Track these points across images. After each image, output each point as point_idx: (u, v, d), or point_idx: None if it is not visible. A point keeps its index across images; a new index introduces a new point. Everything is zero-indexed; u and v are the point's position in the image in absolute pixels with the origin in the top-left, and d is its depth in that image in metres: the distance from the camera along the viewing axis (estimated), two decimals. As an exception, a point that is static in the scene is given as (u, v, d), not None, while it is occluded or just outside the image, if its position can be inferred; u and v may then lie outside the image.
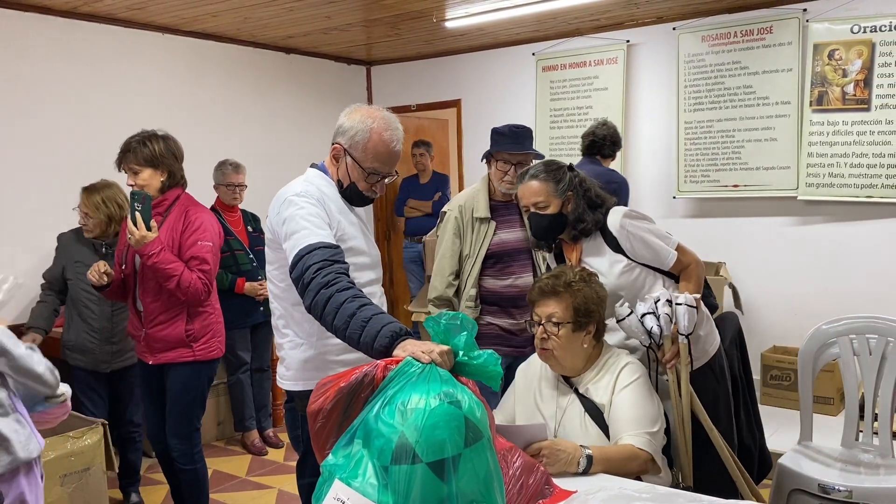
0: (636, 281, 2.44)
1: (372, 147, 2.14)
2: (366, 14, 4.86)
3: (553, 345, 2.18)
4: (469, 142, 6.26)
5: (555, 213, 2.47)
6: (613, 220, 2.43)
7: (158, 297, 3.01)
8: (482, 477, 1.44)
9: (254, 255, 4.52)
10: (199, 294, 3.01)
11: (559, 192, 2.46)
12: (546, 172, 2.50)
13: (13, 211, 4.29)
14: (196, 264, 3.01)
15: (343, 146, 2.17)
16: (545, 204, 2.47)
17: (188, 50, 5.25)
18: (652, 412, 2.15)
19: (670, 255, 2.42)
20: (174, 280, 2.94)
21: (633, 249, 2.41)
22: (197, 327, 3.08)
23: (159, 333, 3.03)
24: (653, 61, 5.31)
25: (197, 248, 3.02)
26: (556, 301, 2.20)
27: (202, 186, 4.87)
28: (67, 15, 4.54)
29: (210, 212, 3.21)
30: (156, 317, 3.03)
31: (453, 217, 3.13)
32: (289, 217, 2.05)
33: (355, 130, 2.14)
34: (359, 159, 2.15)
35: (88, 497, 3.23)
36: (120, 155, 3.03)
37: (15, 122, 4.36)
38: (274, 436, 4.75)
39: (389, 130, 2.15)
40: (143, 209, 2.89)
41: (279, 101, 5.95)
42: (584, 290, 2.21)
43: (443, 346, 1.60)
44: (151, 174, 3.00)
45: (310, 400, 1.68)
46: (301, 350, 2.18)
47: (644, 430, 2.11)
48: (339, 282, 1.86)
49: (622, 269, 2.42)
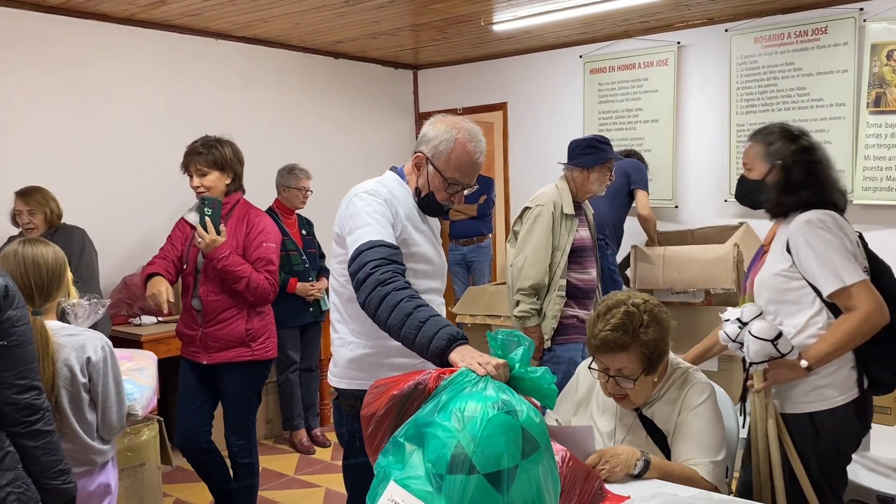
0: (788, 293, 2.15)
1: (455, 157, 2.14)
2: (414, 18, 4.89)
3: (626, 393, 2.08)
4: (515, 145, 6.26)
5: (756, 178, 2.26)
6: (799, 219, 2.14)
7: (222, 296, 3.08)
8: (537, 486, 1.44)
9: (306, 256, 4.60)
10: (267, 294, 3.09)
11: (767, 157, 2.23)
12: (763, 134, 2.29)
13: (76, 214, 4.43)
14: (262, 265, 3.09)
15: (426, 155, 2.17)
16: (749, 167, 2.30)
17: (240, 55, 5.36)
18: (717, 438, 2.05)
19: (833, 284, 2.05)
20: (243, 281, 3.01)
21: (798, 257, 2.13)
22: (256, 326, 3.15)
23: (218, 332, 3.09)
24: (704, 63, 5.24)
25: (262, 250, 3.10)
26: (624, 355, 2.03)
27: (254, 189, 4.97)
28: (125, 22, 4.68)
29: (267, 215, 3.28)
30: (216, 315, 3.09)
31: (548, 212, 3.33)
32: (355, 212, 2.07)
33: (439, 140, 2.15)
34: (441, 168, 2.15)
35: (143, 491, 3.32)
36: (186, 157, 3.11)
37: (75, 128, 4.50)
38: (321, 435, 4.81)
39: (473, 142, 2.15)
40: (212, 214, 2.97)
41: (327, 105, 6.02)
42: (653, 334, 2.04)
43: (499, 360, 1.60)
44: (218, 177, 3.08)
45: (363, 402, 1.70)
46: (349, 349, 2.19)
47: (709, 458, 2.02)
48: (395, 280, 1.87)
49: (780, 271, 2.16)
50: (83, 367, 2.11)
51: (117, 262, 4.46)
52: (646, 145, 5.48)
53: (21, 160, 4.27)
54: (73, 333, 2.13)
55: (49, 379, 2.01)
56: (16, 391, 1.67)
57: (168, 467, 4.04)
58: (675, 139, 5.33)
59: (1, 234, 4.02)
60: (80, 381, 2.10)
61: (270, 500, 3.93)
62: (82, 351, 2.11)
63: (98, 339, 2.17)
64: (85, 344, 2.13)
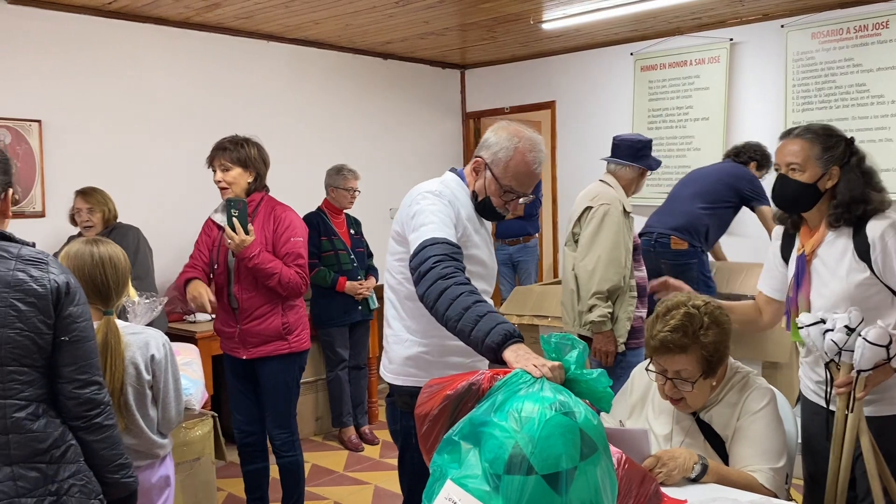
0: (870, 299, 2.10)
1: (513, 166, 2.14)
2: (463, 18, 4.90)
3: (683, 395, 2.05)
4: (563, 143, 6.21)
5: (807, 182, 2.13)
6: (876, 226, 2.09)
7: (256, 293, 3.13)
8: (595, 488, 1.43)
9: (354, 255, 4.63)
10: (298, 287, 3.14)
11: (823, 160, 2.12)
12: (817, 134, 2.15)
13: (131, 213, 4.54)
14: (292, 259, 3.13)
15: (485, 160, 2.18)
16: (801, 168, 2.13)
17: (290, 57, 5.43)
18: (778, 445, 2.01)
19: None
20: (275, 278, 3.07)
21: (882, 265, 2.08)
22: (292, 320, 3.20)
23: (256, 328, 3.14)
24: (758, 60, 5.13)
25: (291, 245, 3.15)
26: (684, 357, 2.00)
27: (304, 189, 5.04)
28: (181, 25, 4.78)
29: (292, 209, 3.30)
30: (252, 312, 3.14)
31: (616, 210, 3.29)
32: (419, 211, 2.08)
33: (500, 147, 2.15)
34: (498, 175, 2.15)
35: (198, 486, 3.38)
36: (213, 152, 3.18)
37: (130, 129, 4.62)
38: (370, 433, 4.84)
39: (533, 152, 2.15)
40: (239, 214, 3.02)
41: (375, 105, 6.06)
42: (713, 337, 2.01)
43: (554, 362, 1.60)
44: (240, 174, 3.13)
45: (417, 401, 1.71)
46: (404, 346, 2.20)
47: (769, 465, 1.97)
48: (456, 275, 1.87)
49: (861, 281, 2.10)
50: (147, 365, 2.16)
51: (171, 261, 4.55)
52: (695, 144, 5.40)
53: (78, 162, 4.40)
54: (136, 332, 2.19)
55: (119, 377, 2.06)
56: (77, 386, 1.69)
57: (221, 462, 4.11)
58: (726, 137, 5.23)
59: (59, 232, 4.15)
60: (144, 378, 2.15)
61: (320, 496, 3.97)
62: (146, 349, 2.17)
63: (159, 337, 2.22)
64: (149, 342, 2.18)
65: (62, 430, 1.69)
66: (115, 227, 3.97)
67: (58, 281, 1.68)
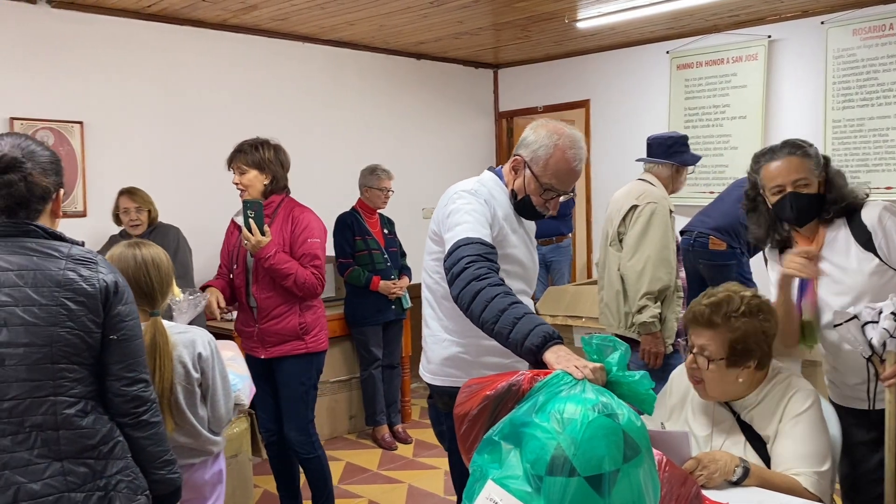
0: (886, 286, 2.13)
1: (553, 163, 2.13)
2: (496, 17, 4.89)
3: (703, 376, 2.05)
4: (597, 142, 6.17)
5: (815, 192, 2.20)
6: (871, 214, 2.17)
7: (273, 293, 3.17)
8: (638, 491, 1.42)
9: (388, 255, 4.65)
10: (314, 288, 3.17)
11: (817, 170, 2.21)
12: (803, 149, 2.24)
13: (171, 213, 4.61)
14: (308, 261, 3.16)
15: (524, 159, 2.17)
16: (806, 182, 2.19)
17: (324, 58, 5.47)
18: (822, 448, 1.97)
19: None
20: (291, 278, 3.10)
21: (887, 249, 2.14)
22: (309, 320, 3.23)
23: (274, 328, 3.18)
24: (797, 57, 5.04)
25: (307, 246, 3.18)
26: (710, 333, 2.03)
27: (338, 189, 5.08)
28: (218, 27, 4.84)
29: (311, 210, 3.32)
30: (270, 311, 3.18)
31: (663, 209, 3.27)
32: (454, 210, 2.09)
33: (539, 145, 2.14)
34: (537, 173, 2.14)
35: (236, 482, 3.42)
36: (232, 154, 3.23)
37: (168, 130, 4.70)
38: (403, 431, 4.86)
39: (573, 149, 2.13)
40: (255, 216, 3.07)
41: (408, 105, 6.08)
42: (745, 325, 2.00)
43: (596, 364, 1.59)
44: (256, 176, 3.17)
45: (456, 401, 1.71)
46: (442, 346, 2.20)
47: (813, 468, 1.94)
48: (490, 276, 1.86)
49: (873, 270, 2.14)
50: (195, 363, 2.19)
51: (209, 259, 4.60)
52: (732, 142, 5.33)
53: (119, 162, 4.48)
54: (182, 331, 2.22)
55: (168, 377, 2.09)
56: (124, 383, 1.73)
57: (258, 458, 4.17)
58: (764, 136, 5.16)
59: (99, 232, 4.22)
60: (193, 376, 2.18)
61: (354, 493, 4.00)
62: (193, 347, 2.20)
63: (204, 335, 2.25)
64: (195, 340, 2.21)
65: (110, 427, 1.73)
66: (157, 226, 4.06)
67: (106, 280, 1.71)
